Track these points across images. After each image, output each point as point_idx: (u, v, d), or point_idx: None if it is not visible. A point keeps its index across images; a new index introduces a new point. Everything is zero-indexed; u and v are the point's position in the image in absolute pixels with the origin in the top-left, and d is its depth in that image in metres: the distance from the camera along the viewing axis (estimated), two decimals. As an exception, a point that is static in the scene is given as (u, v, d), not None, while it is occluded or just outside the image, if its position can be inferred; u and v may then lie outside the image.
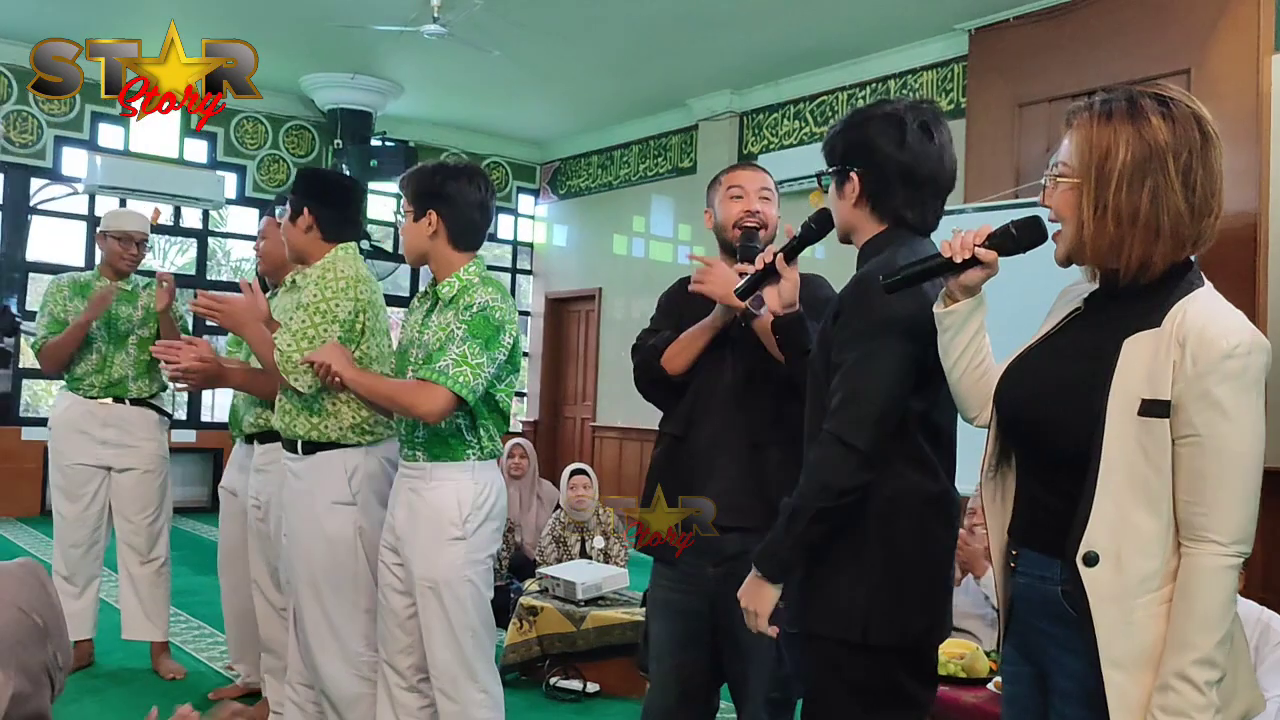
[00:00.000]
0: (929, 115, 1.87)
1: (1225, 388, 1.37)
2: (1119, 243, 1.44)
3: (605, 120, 9.74)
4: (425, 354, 2.51)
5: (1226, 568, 1.38)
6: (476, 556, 2.52)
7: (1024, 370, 1.58)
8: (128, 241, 4.06)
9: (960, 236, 1.61)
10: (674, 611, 2.34)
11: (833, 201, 1.95)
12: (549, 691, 4.03)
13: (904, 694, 1.81)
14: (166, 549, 4.13)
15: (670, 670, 2.34)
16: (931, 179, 1.87)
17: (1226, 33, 5.70)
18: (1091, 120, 1.47)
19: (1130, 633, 1.40)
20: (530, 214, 11.03)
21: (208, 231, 9.64)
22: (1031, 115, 6.54)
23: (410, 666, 2.60)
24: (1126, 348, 1.43)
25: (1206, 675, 1.36)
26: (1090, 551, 1.42)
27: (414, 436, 2.54)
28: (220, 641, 4.56)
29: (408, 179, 2.59)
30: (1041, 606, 1.52)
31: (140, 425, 4.06)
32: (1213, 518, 1.38)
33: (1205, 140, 1.44)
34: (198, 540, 7.27)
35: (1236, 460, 1.38)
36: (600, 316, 10.13)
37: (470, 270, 2.58)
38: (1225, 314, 1.42)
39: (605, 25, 7.23)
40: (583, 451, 10.00)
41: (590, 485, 5.13)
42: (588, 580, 4.27)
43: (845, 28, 7.10)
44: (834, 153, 1.91)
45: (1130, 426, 1.41)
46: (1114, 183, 1.43)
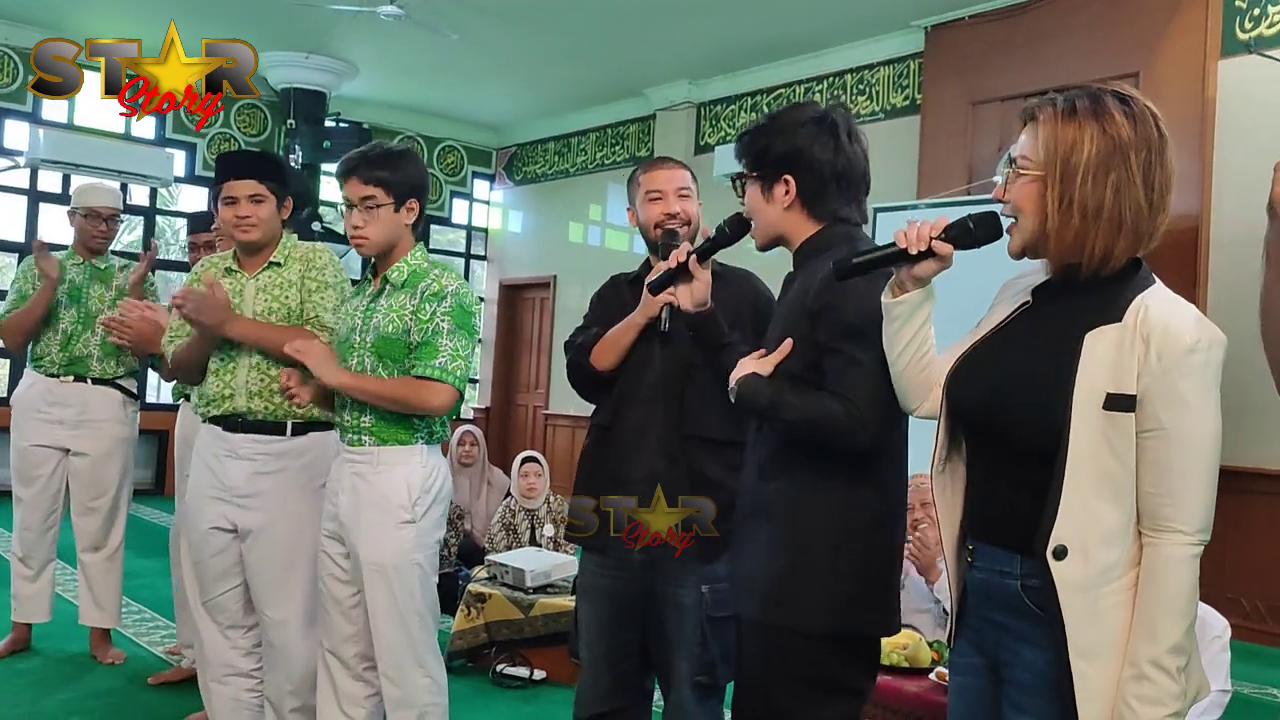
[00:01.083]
0: (851, 119, 1.94)
1: (1189, 382, 1.41)
2: (1083, 235, 1.47)
3: (563, 107, 9.70)
4: (382, 339, 2.49)
5: (1192, 556, 1.42)
6: (424, 541, 2.52)
7: (979, 364, 1.59)
8: (94, 218, 3.95)
9: (916, 227, 1.61)
10: (603, 596, 2.36)
11: (756, 205, 1.95)
12: (495, 678, 4.02)
13: (849, 685, 1.83)
14: (121, 536, 4.03)
15: (602, 655, 2.36)
16: (862, 179, 1.94)
17: (1175, 38, 5.81)
18: (1056, 116, 1.50)
19: (1096, 623, 1.44)
20: (485, 199, 10.97)
21: (155, 209, 9.46)
22: (985, 113, 6.62)
23: (356, 655, 2.59)
24: (1089, 342, 1.46)
25: (1178, 662, 1.40)
26: (1060, 545, 1.44)
27: (359, 422, 2.52)
28: (162, 626, 4.51)
29: (389, 168, 2.50)
30: (1000, 600, 1.54)
31: (102, 406, 3.94)
32: (1177, 508, 1.42)
33: (1161, 138, 1.49)
34: (140, 523, 7.16)
35: (1199, 452, 1.42)
36: (555, 304, 10.11)
37: (418, 255, 2.59)
38: (1185, 310, 1.47)
39: (564, 11, 7.20)
40: (535, 439, 9.99)
41: (542, 473, 5.12)
42: (537, 568, 4.27)
43: (804, 21, 7.14)
44: (763, 157, 1.92)
45: (1096, 420, 1.44)
46: (1079, 176, 1.46)
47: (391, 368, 2.50)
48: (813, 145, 1.88)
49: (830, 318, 1.78)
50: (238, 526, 2.76)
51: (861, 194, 1.95)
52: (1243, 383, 5.14)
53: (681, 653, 2.25)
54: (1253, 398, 5.32)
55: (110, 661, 3.96)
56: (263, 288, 2.79)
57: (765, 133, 1.93)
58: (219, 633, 2.87)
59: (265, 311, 2.76)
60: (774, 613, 1.81)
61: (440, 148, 10.54)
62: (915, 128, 7.00)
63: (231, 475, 2.76)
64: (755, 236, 2.00)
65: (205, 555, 2.81)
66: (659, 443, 2.31)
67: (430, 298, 2.49)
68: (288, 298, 2.77)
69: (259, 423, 2.75)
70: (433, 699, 2.54)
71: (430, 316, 2.48)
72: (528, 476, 5.08)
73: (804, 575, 1.78)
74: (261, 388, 2.74)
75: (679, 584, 2.24)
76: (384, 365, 2.51)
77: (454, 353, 2.47)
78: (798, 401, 1.77)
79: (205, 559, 2.81)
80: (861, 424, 1.72)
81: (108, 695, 3.63)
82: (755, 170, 1.93)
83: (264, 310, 2.76)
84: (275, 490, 2.74)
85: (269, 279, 2.79)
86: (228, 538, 2.78)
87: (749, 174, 1.95)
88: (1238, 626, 4.12)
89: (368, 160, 2.50)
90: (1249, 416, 5.21)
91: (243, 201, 2.75)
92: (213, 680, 2.89)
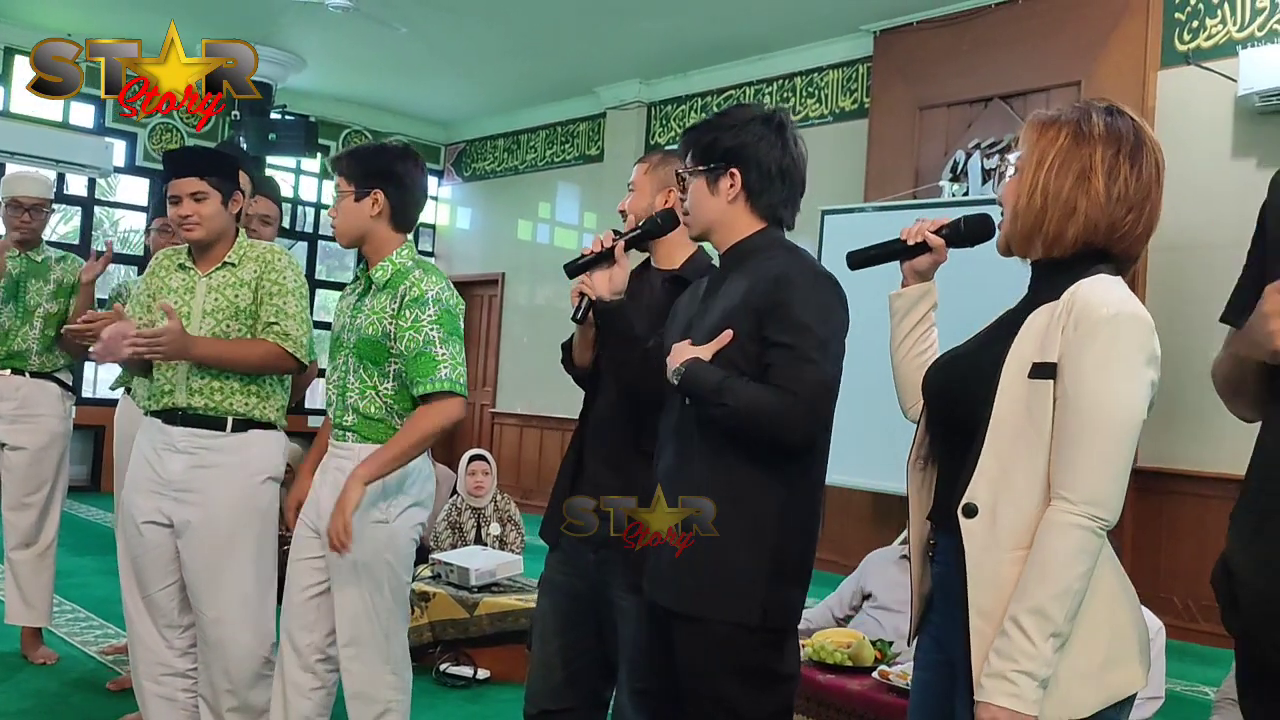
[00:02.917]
0: (794, 123, 2.01)
1: (1095, 351, 1.44)
2: (1041, 219, 1.54)
3: (513, 104, 9.66)
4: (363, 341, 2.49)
5: (1072, 525, 1.42)
6: (397, 542, 2.52)
7: (948, 359, 1.68)
8: (16, 208, 3.85)
9: (919, 224, 1.77)
10: (560, 592, 2.36)
11: (700, 198, 1.98)
12: (439, 678, 3.99)
13: (780, 673, 1.88)
14: (55, 533, 3.94)
15: (556, 651, 2.35)
16: (801, 181, 2.01)
17: (1116, 48, 5.93)
18: (1044, 119, 1.59)
19: (996, 584, 1.46)
20: (433, 195, 10.88)
21: (94, 200, 9.26)
22: (931, 118, 6.70)
23: (309, 645, 2.57)
24: (1029, 320, 1.52)
25: (1037, 625, 1.40)
26: (970, 503, 1.49)
27: (343, 419, 2.54)
28: (96, 626, 4.41)
29: (350, 158, 2.54)
30: (951, 590, 1.55)
31: (40, 399, 3.87)
32: (1067, 475, 1.43)
33: (1139, 145, 1.54)
34: (75, 520, 7.00)
35: (1096, 422, 1.43)
36: (503, 301, 10.06)
37: (404, 254, 2.55)
38: (1114, 288, 1.50)
39: (515, 7, 7.16)
40: (482, 438, 9.92)
41: (490, 472, 5.09)
42: (481, 566, 4.24)
43: (754, 23, 7.17)
44: (710, 151, 1.96)
45: (1020, 389, 1.48)
46: (1047, 165, 1.54)
47: (372, 370, 2.50)
48: (760, 142, 1.94)
49: (780, 314, 1.82)
50: (174, 521, 2.73)
51: (798, 196, 2.01)
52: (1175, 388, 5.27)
53: (622, 657, 2.23)
54: (1185, 402, 5.46)
55: (41, 661, 3.86)
56: (214, 286, 2.75)
57: (713, 127, 1.98)
58: (155, 631, 2.82)
59: (214, 310, 2.73)
60: (706, 605, 1.83)
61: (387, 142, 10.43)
62: (863, 131, 7.07)
63: (169, 468, 2.72)
64: (690, 227, 2.04)
65: (140, 550, 2.77)
66: (613, 446, 2.29)
67: (412, 303, 2.46)
68: (238, 296, 2.74)
69: (199, 417, 2.72)
70: (397, 696, 2.54)
71: (417, 325, 2.44)
72: (475, 475, 5.04)
73: (734, 566, 1.82)
74: (202, 385, 2.71)
75: (624, 589, 2.23)
76: (364, 367, 2.51)
77: (453, 361, 2.45)
78: (743, 389, 1.79)
79: (140, 554, 2.78)
80: (801, 419, 1.77)
81: (39, 696, 3.54)
82: (702, 163, 1.97)
83: (213, 308, 2.73)
84: (212, 485, 2.71)
85: (222, 279, 2.75)
86: (164, 532, 2.74)
87: (695, 168, 1.98)
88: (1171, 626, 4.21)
89: (337, 161, 2.57)
90: (1181, 420, 5.35)
91: (185, 200, 2.69)
92: (147, 679, 2.84)
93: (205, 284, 2.75)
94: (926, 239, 1.75)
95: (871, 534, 6.10)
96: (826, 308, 1.86)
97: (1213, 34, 5.64)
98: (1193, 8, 5.73)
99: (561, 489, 2.37)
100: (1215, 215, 5.41)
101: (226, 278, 2.75)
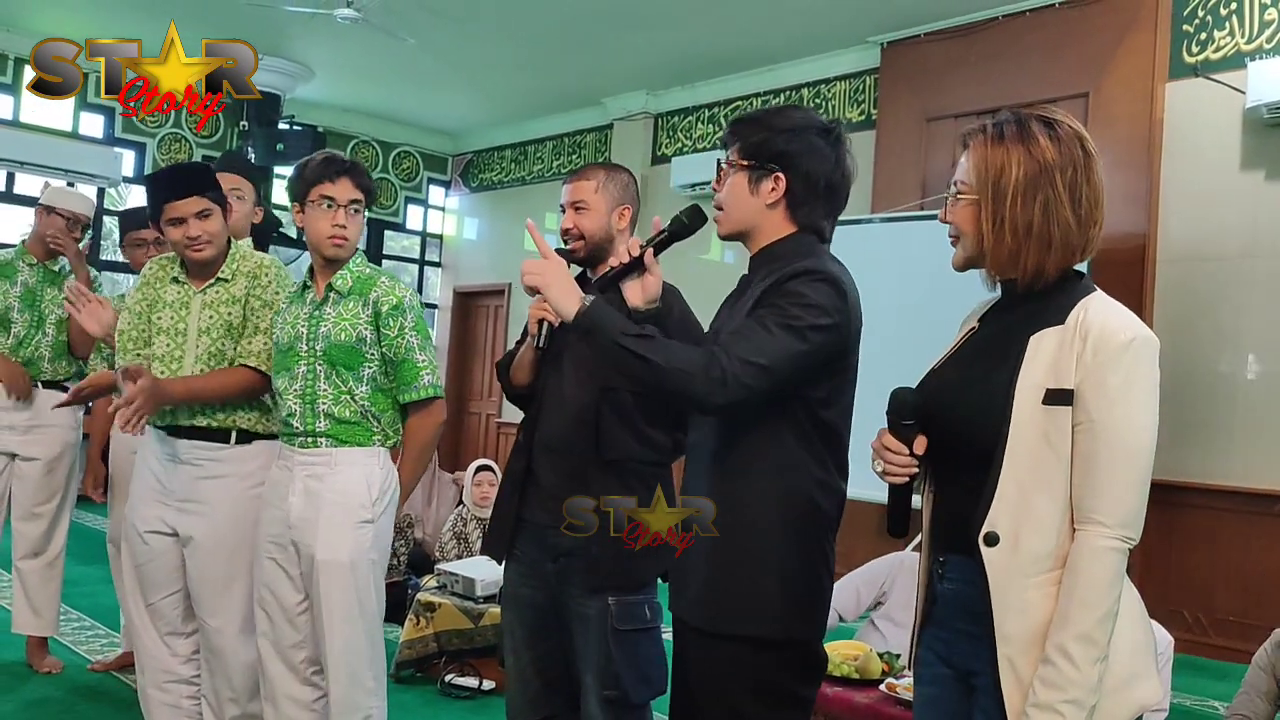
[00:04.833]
0: (848, 138, 1.91)
1: (1118, 376, 1.46)
2: (1016, 253, 1.55)
3: (520, 115, 9.68)
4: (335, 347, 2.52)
5: (1109, 549, 1.45)
6: (380, 542, 2.57)
7: (934, 386, 1.64)
8: (75, 224, 3.90)
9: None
10: (524, 605, 2.35)
11: (737, 194, 1.87)
12: (444, 689, 3.98)
13: (798, 693, 1.83)
14: (63, 542, 3.95)
15: (529, 664, 2.35)
16: (845, 198, 1.92)
17: (1124, 60, 5.93)
18: (985, 141, 1.59)
19: (1023, 611, 1.47)
20: (440, 205, 10.90)
21: (103, 210, 9.28)
22: (938, 130, 6.70)
23: (304, 660, 2.60)
24: (1033, 343, 1.52)
25: (1085, 651, 1.42)
26: (991, 531, 1.49)
27: (314, 426, 2.54)
28: (102, 635, 4.41)
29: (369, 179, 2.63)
30: (971, 610, 1.55)
31: (52, 408, 3.85)
32: (1100, 500, 1.45)
33: (1087, 157, 1.56)
34: (81, 529, 6.99)
35: (1124, 447, 1.46)
36: (510, 312, 10.06)
37: (359, 261, 2.65)
38: (1121, 311, 1.53)
39: (523, 18, 7.18)
40: (487, 448, 9.92)
41: (495, 482, 5.09)
42: (487, 577, 4.23)
43: (761, 34, 7.18)
44: (760, 149, 1.85)
45: (1036, 415, 1.49)
46: (1009, 198, 1.54)
47: (346, 375, 2.53)
48: (813, 153, 1.84)
49: (772, 297, 1.74)
50: (178, 531, 2.73)
51: (839, 211, 1.92)
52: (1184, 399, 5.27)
53: (586, 665, 2.22)
54: (1194, 413, 5.45)
55: (47, 670, 3.86)
56: (209, 303, 2.75)
57: (766, 126, 1.86)
58: (159, 639, 2.83)
59: (209, 328, 2.73)
60: (721, 620, 1.79)
61: (396, 153, 10.47)
62: (870, 143, 7.07)
63: (174, 479, 2.73)
64: (721, 224, 1.92)
65: (145, 559, 2.77)
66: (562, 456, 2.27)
67: (393, 312, 2.55)
68: (230, 314, 2.74)
69: (203, 429, 2.73)
70: (377, 702, 2.57)
71: (401, 333, 2.55)
72: (481, 485, 5.03)
73: (750, 579, 1.77)
74: (204, 405, 2.71)
75: (585, 595, 2.22)
76: (337, 373, 2.53)
77: (430, 365, 2.61)
78: (654, 342, 1.70)
79: (144, 563, 2.78)
80: (722, 382, 1.65)
81: (44, 705, 3.54)
82: (748, 159, 1.86)
83: (207, 326, 2.73)
84: (217, 497, 2.71)
85: (215, 295, 2.76)
86: (169, 542, 2.75)
87: (739, 162, 1.87)
88: (1181, 639, 4.19)
89: (355, 166, 2.60)
90: (1191, 433, 5.33)
91: (191, 221, 2.67)
92: (151, 686, 2.84)
93: (200, 300, 2.76)
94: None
95: (878, 548, 6.07)
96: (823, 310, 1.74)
97: (1221, 46, 5.63)
98: (1201, 20, 5.72)
99: (508, 503, 2.36)
100: (1223, 227, 5.38)
101: (220, 294, 2.76)
